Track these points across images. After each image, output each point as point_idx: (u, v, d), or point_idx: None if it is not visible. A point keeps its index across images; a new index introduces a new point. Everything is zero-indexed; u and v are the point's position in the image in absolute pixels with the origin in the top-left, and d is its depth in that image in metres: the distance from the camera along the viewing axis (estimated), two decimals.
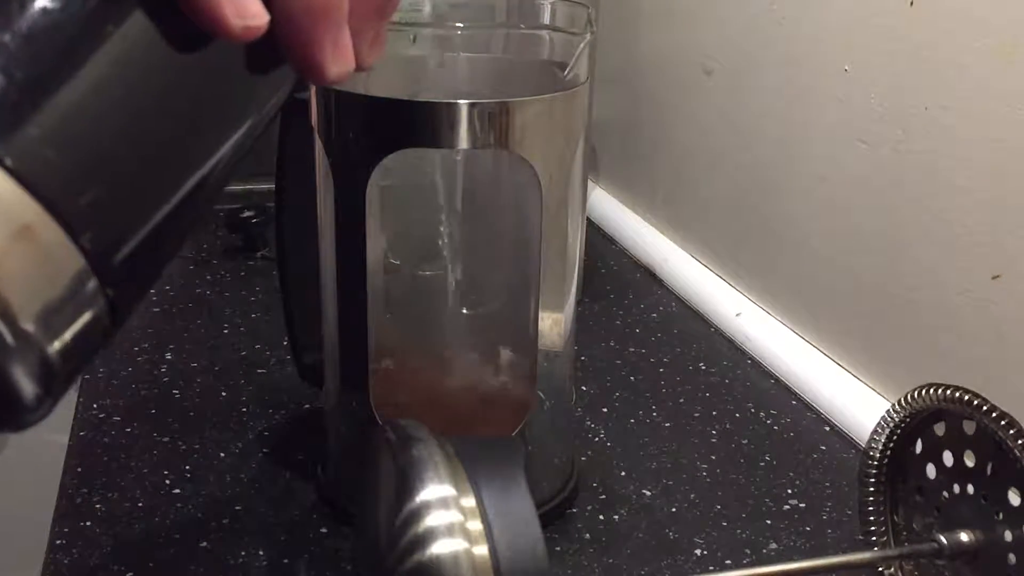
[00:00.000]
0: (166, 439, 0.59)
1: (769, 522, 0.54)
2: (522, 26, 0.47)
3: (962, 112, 0.56)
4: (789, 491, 0.57)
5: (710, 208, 0.82)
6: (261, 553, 0.50)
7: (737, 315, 0.75)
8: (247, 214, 0.86)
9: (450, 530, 0.33)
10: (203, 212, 0.26)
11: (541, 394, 0.51)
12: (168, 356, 0.69)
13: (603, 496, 0.56)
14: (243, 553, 0.50)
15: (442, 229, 0.49)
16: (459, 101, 0.45)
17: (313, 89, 0.49)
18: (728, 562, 0.51)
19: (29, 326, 0.21)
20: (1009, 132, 0.53)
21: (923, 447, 0.46)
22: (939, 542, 0.44)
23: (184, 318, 0.75)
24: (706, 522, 0.54)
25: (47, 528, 0.51)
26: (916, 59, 0.59)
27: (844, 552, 0.51)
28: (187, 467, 0.57)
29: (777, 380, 0.69)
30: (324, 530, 0.52)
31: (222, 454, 0.58)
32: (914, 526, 0.47)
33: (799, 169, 0.70)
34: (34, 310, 0.21)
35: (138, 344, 0.71)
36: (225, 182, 0.26)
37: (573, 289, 0.52)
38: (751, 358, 0.72)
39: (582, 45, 0.48)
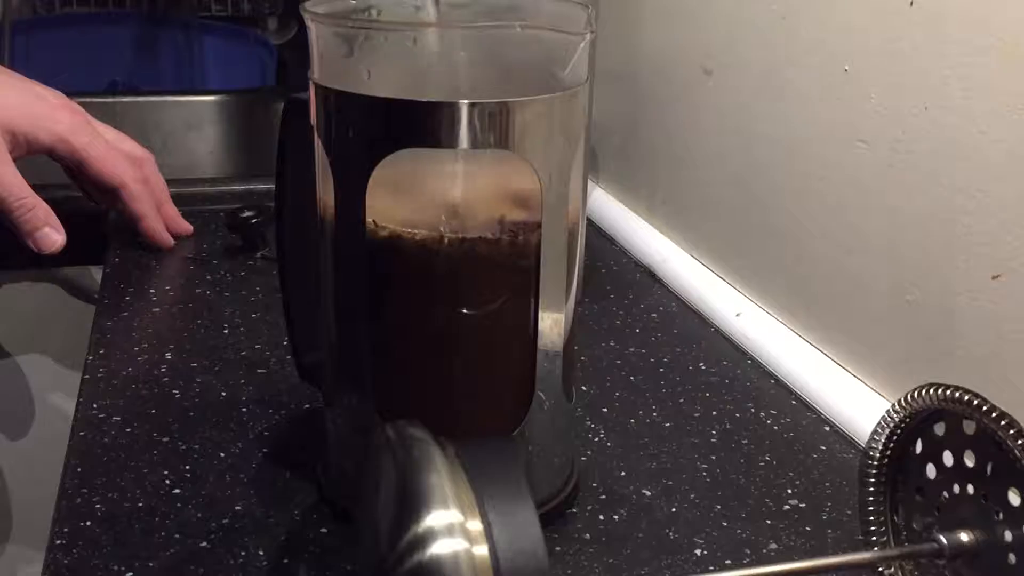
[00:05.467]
0: (166, 439, 0.59)
1: (769, 522, 0.54)
2: (522, 26, 0.47)
3: (962, 112, 0.56)
4: (789, 491, 0.57)
5: (710, 208, 0.82)
6: (261, 553, 0.50)
7: (737, 315, 0.75)
8: (247, 214, 0.86)
9: (450, 530, 0.33)
10: None
11: (541, 394, 0.51)
12: (168, 356, 0.69)
13: (603, 496, 0.56)
14: (243, 553, 0.50)
15: (442, 229, 0.49)
16: (459, 101, 0.45)
17: (313, 89, 0.49)
18: (728, 562, 0.51)
19: None
20: (1009, 132, 0.53)
21: (923, 447, 0.46)
22: (939, 542, 0.44)
23: (184, 318, 0.75)
24: (706, 522, 0.54)
25: (47, 528, 0.51)
26: (916, 59, 0.59)
27: (844, 552, 0.51)
28: (187, 467, 0.57)
29: (777, 380, 0.69)
30: (324, 530, 0.52)
31: (222, 454, 0.58)
32: (914, 526, 0.47)
33: (799, 169, 0.70)
34: None
35: (138, 344, 0.71)
36: None
37: (573, 289, 0.52)
38: (751, 358, 0.72)
39: (582, 45, 0.48)
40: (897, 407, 0.46)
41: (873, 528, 0.48)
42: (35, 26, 1.43)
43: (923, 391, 0.44)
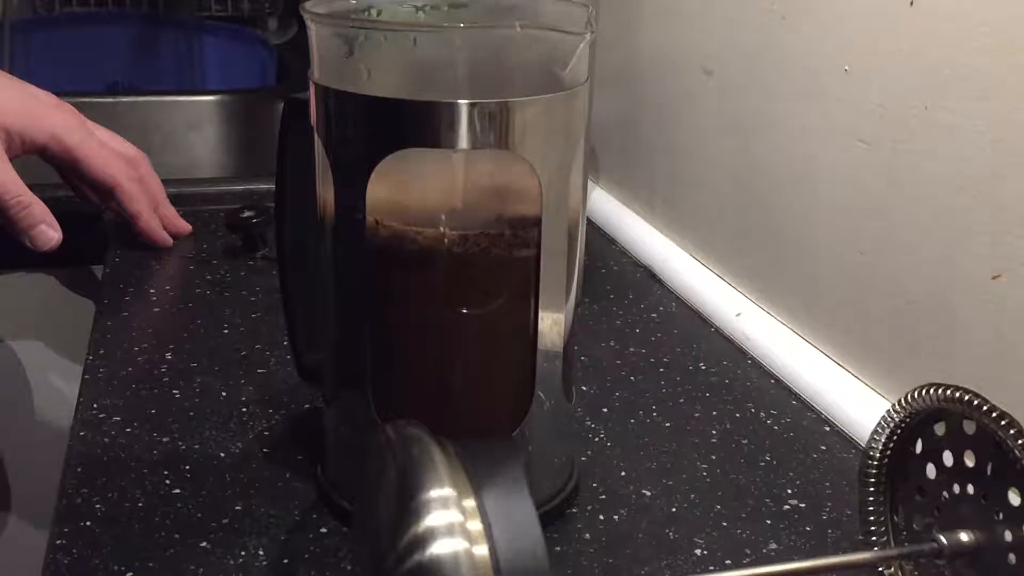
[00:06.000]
0: (166, 439, 0.59)
1: (769, 522, 0.54)
2: (522, 26, 0.47)
3: (962, 112, 0.56)
4: (789, 491, 0.57)
5: (710, 208, 0.82)
6: (261, 553, 0.50)
7: (737, 315, 0.75)
8: (247, 214, 0.86)
9: (450, 530, 0.33)
10: None
11: (541, 394, 0.51)
12: (168, 356, 0.69)
13: (603, 496, 0.56)
14: (243, 553, 0.50)
15: (442, 228, 0.49)
16: (459, 101, 0.45)
17: (313, 89, 0.49)
18: (728, 562, 0.51)
19: None
20: (1009, 132, 0.53)
21: (923, 447, 0.46)
22: (939, 542, 0.44)
23: (184, 318, 0.75)
24: (706, 522, 0.54)
25: (47, 528, 0.51)
26: (916, 59, 0.59)
27: (844, 552, 0.51)
28: (187, 467, 0.57)
29: (777, 380, 0.69)
30: (324, 530, 0.52)
31: (222, 454, 0.58)
32: (914, 526, 0.47)
33: (799, 169, 0.70)
34: None
35: (138, 344, 0.71)
36: None
37: (573, 289, 0.52)
38: (751, 358, 0.72)
39: (582, 45, 0.48)
40: (897, 407, 0.46)
41: (873, 528, 0.48)
42: (35, 26, 1.43)
43: (923, 391, 0.44)
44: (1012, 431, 0.40)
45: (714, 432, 0.63)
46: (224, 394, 0.65)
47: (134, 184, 0.85)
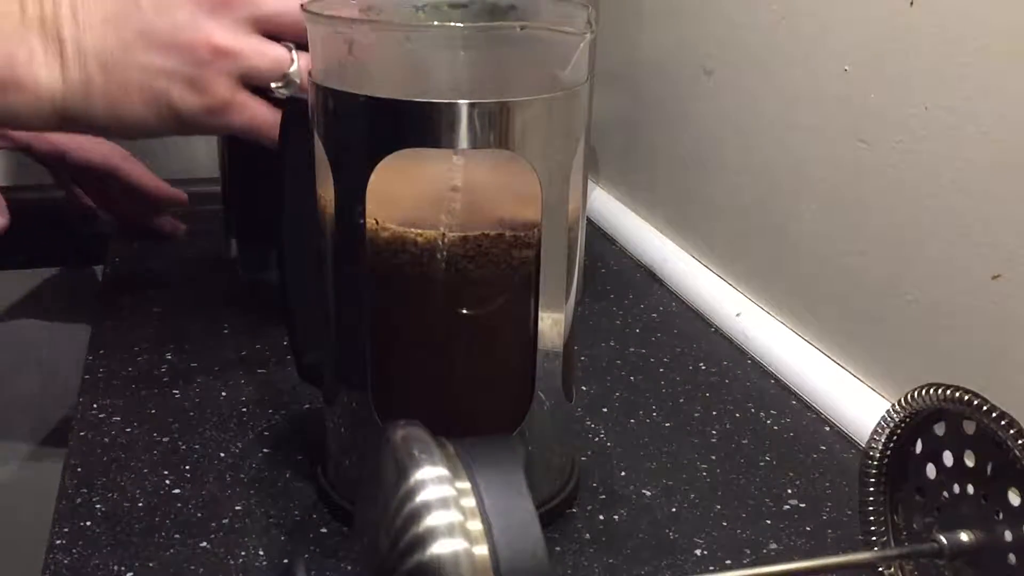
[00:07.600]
0: (166, 439, 0.59)
1: (769, 522, 0.54)
2: (522, 27, 0.47)
3: (962, 112, 0.56)
4: (789, 491, 0.57)
5: (710, 208, 0.82)
6: (261, 553, 0.50)
7: (737, 315, 0.75)
8: None
9: (450, 530, 0.33)
10: None
11: (541, 394, 0.51)
12: (168, 356, 0.69)
13: (603, 496, 0.56)
14: (243, 553, 0.50)
15: (442, 228, 0.49)
16: (459, 101, 0.45)
17: (313, 89, 0.49)
18: (728, 562, 0.51)
19: None
20: (1009, 132, 0.53)
21: (923, 447, 0.46)
22: (939, 542, 0.44)
23: (184, 318, 0.75)
24: (706, 522, 0.54)
25: (47, 528, 0.51)
26: (916, 59, 0.59)
27: (844, 552, 0.51)
28: (187, 467, 0.57)
29: (777, 380, 0.69)
30: (324, 530, 0.52)
31: (222, 454, 0.58)
32: (914, 526, 0.47)
33: (799, 169, 0.70)
34: None
35: (138, 344, 0.71)
36: None
37: (573, 289, 0.52)
38: (751, 358, 0.72)
39: (582, 45, 0.48)
40: (897, 407, 0.46)
41: (873, 528, 0.48)
42: None
43: (923, 391, 0.44)
44: (1012, 431, 0.40)
45: (714, 432, 0.63)
46: (224, 394, 0.65)
47: (128, 161, 0.85)
